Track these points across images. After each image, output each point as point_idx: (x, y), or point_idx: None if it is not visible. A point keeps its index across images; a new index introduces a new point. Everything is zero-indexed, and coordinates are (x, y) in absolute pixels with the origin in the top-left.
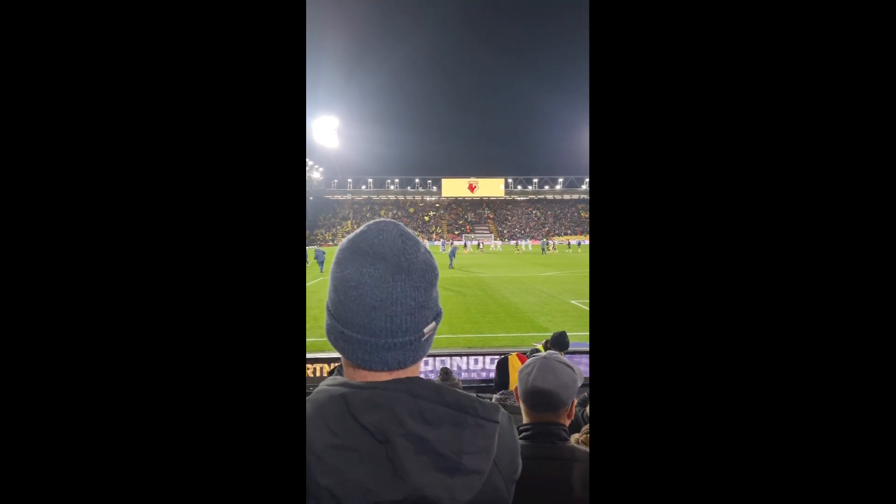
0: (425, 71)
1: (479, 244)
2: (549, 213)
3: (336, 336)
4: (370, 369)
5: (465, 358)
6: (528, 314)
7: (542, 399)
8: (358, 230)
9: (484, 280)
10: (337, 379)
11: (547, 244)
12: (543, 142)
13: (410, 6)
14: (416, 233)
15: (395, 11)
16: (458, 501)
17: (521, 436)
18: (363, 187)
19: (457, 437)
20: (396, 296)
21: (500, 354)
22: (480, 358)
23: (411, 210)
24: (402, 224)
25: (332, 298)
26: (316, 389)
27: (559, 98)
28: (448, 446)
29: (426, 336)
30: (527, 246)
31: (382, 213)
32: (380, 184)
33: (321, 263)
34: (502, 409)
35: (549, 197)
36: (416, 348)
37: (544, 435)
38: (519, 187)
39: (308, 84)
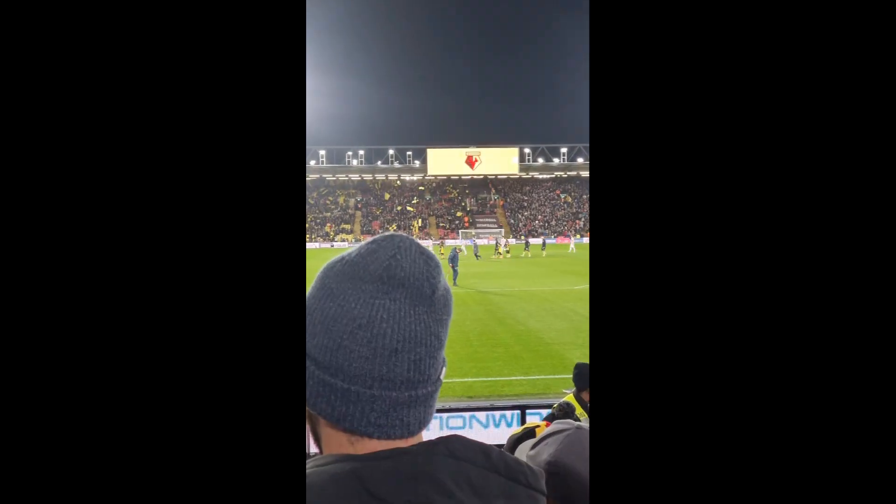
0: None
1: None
2: (584, 195)
3: (334, 397)
4: (384, 437)
5: (463, 414)
6: (555, 347)
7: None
8: (357, 248)
9: (489, 297)
10: (332, 456)
11: (526, 244)
12: (575, 98)
13: None
14: (393, 227)
15: None
16: None
17: None
18: (313, 162)
19: None
20: (420, 333)
21: (515, 408)
22: (485, 415)
23: (386, 196)
24: (416, 239)
25: (324, 344)
26: (309, 471)
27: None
28: None
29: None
30: (506, 249)
31: (342, 199)
32: (338, 157)
33: None
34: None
35: (584, 174)
36: (433, 402)
37: None
38: (540, 160)
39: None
